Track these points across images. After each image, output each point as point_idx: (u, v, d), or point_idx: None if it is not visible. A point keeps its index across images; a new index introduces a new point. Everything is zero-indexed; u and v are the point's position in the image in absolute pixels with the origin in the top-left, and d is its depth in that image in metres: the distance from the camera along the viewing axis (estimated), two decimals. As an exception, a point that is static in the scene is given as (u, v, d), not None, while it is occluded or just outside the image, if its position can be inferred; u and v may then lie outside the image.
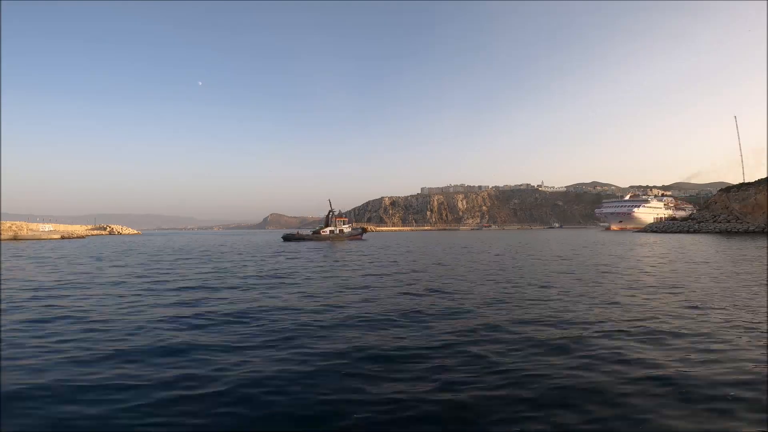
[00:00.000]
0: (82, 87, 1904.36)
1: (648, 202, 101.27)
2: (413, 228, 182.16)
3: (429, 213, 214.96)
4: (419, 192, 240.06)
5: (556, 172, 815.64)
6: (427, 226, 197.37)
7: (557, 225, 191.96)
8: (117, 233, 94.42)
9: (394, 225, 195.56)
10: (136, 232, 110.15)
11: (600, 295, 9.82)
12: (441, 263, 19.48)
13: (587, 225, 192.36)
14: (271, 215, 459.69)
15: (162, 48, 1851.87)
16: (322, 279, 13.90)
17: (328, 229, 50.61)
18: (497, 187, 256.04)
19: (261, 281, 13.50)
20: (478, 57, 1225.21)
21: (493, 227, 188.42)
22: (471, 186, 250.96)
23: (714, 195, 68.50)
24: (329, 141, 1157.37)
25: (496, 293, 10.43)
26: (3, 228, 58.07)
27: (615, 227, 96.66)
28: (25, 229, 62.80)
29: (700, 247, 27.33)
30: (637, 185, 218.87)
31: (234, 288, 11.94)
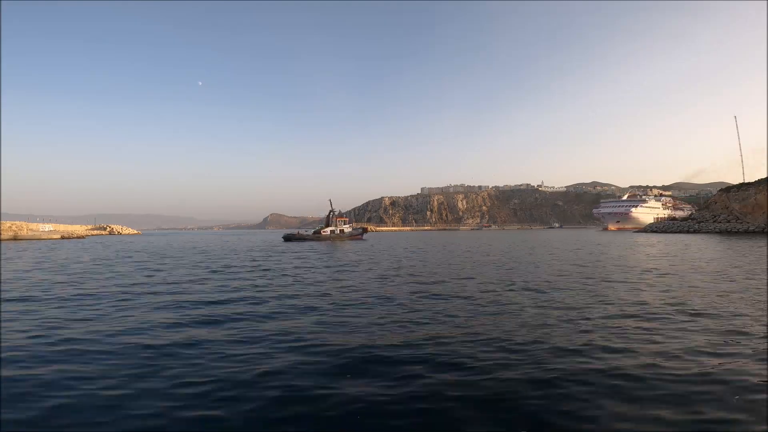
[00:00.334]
0: (82, 87, 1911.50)
1: (646, 202, 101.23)
2: (413, 228, 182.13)
3: (429, 213, 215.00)
4: (419, 192, 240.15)
5: (556, 172, 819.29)
6: (427, 226, 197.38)
7: (557, 225, 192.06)
8: (117, 233, 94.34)
9: (394, 225, 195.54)
10: (136, 232, 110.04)
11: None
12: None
13: (587, 225, 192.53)
14: (271, 215, 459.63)
15: (162, 48, 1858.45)
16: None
17: (328, 229, 50.51)
18: (497, 187, 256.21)
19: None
20: (478, 57, 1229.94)
21: (493, 227, 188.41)
22: (471, 186, 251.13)
23: (714, 195, 68.51)
24: (329, 141, 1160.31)
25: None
26: (3, 228, 58.04)
27: (612, 227, 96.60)
28: (25, 229, 62.77)
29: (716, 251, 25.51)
30: (637, 185, 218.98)
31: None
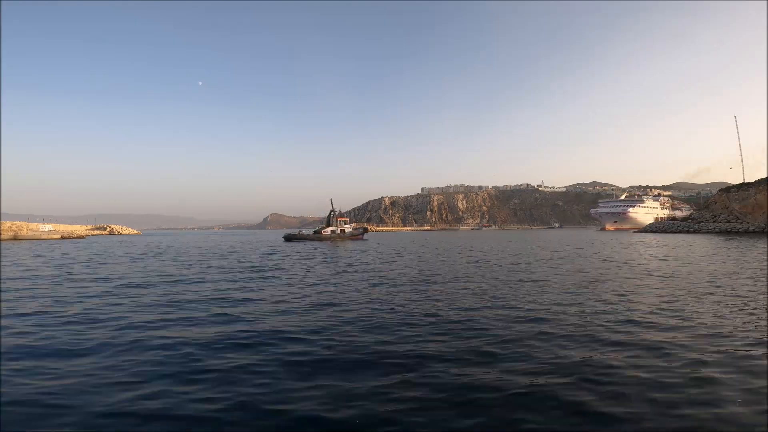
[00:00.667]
0: (82, 87, 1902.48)
1: (643, 202, 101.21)
2: (413, 228, 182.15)
3: (429, 213, 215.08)
4: (419, 192, 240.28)
5: (556, 172, 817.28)
6: (427, 226, 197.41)
7: (557, 225, 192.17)
8: (117, 233, 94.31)
9: (394, 225, 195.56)
10: (136, 232, 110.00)
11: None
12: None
13: (587, 225, 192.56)
14: (271, 215, 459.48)
15: (162, 48, 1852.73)
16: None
17: (329, 229, 50.36)
18: (497, 187, 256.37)
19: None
20: (478, 57, 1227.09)
21: (493, 227, 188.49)
22: (471, 186, 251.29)
23: (714, 195, 68.51)
24: (329, 141, 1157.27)
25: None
26: (3, 228, 57.98)
27: (610, 227, 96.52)
28: (25, 229, 62.70)
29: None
30: (637, 185, 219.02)
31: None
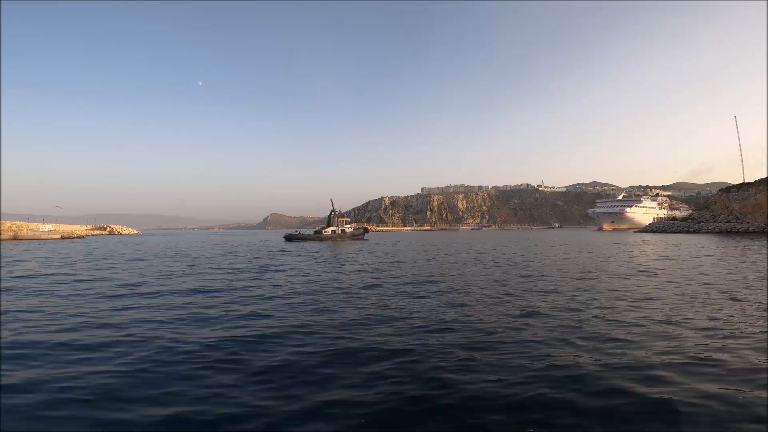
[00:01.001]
0: (82, 87, 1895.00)
1: (641, 201, 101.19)
2: (413, 228, 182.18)
3: (429, 213, 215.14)
4: (419, 192, 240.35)
5: (556, 172, 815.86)
6: (427, 226, 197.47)
7: (557, 225, 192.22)
8: (117, 233, 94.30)
9: (394, 225, 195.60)
10: (136, 232, 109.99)
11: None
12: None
13: (587, 225, 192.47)
14: (271, 215, 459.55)
15: (162, 48, 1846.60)
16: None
17: (330, 229, 50.35)
18: (497, 187, 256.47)
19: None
20: (478, 57, 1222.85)
21: (493, 227, 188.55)
22: (471, 186, 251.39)
23: (714, 195, 68.58)
24: (329, 141, 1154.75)
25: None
26: (3, 228, 57.91)
27: (607, 227, 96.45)
28: (25, 229, 62.64)
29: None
30: (637, 185, 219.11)
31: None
